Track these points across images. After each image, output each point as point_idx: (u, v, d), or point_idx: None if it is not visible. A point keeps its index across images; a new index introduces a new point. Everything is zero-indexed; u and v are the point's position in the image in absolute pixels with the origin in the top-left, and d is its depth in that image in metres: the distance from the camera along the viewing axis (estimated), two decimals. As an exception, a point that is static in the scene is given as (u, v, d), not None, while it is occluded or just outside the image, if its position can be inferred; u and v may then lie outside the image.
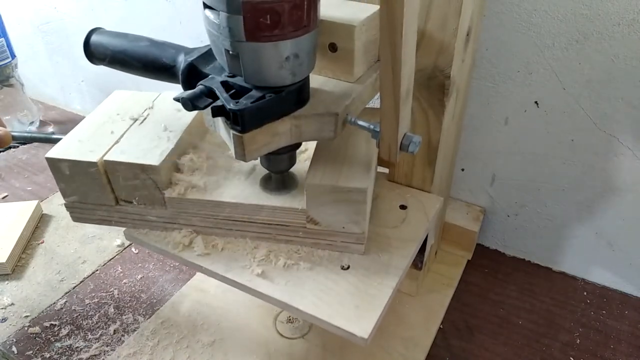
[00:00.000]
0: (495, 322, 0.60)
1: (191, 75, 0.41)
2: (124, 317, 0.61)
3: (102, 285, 0.66)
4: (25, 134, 0.62)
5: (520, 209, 0.66)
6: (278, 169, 0.45)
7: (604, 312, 0.61)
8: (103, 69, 0.50)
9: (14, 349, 0.57)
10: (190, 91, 0.37)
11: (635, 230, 0.59)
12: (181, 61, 0.42)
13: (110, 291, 0.65)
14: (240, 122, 0.35)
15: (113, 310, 0.62)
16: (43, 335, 0.59)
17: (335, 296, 0.42)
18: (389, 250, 0.46)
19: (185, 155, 0.48)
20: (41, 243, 0.73)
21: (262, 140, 0.38)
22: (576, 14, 0.50)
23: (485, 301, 0.63)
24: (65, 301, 0.64)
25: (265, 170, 0.47)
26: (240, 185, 0.47)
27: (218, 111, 0.36)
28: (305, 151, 0.52)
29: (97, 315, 0.62)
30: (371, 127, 0.40)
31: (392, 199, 0.53)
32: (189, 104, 0.36)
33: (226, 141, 0.40)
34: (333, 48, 0.41)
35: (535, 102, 0.57)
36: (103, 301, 0.64)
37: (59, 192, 0.51)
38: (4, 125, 0.55)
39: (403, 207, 0.52)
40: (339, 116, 0.39)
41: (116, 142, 0.47)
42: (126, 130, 0.48)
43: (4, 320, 0.61)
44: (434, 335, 0.58)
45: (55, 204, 0.80)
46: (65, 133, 0.49)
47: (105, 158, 0.45)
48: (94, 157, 0.45)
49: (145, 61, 0.45)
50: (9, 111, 0.97)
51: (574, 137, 0.57)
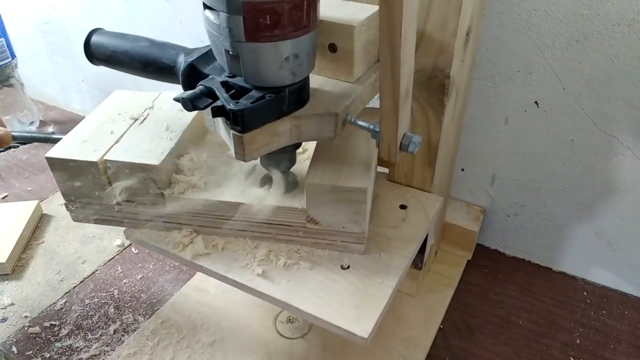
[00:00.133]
0: (495, 322, 0.60)
1: (191, 76, 0.41)
2: (124, 317, 0.61)
3: (102, 285, 0.66)
4: (25, 134, 0.62)
5: (520, 209, 0.66)
6: (278, 168, 0.45)
7: (604, 312, 0.61)
8: (103, 69, 0.50)
9: (14, 349, 0.58)
10: (190, 91, 0.37)
11: (635, 230, 0.59)
12: (181, 61, 0.42)
13: (110, 291, 0.65)
14: (240, 122, 0.35)
15: (113, 310, 0.62)
16: (43, 335, 0.59)
17: (336, 296, 0.42)
18: (389, 250, 0.46)
19: (186, 155, 0.48)
20: (41, 243, 0.73)
21: (262, 140, 0.38)
22: (576, 14, 0.50)
23: (485, 301, 0.63)
24: (65, 301, 0.64)
25: (265, 170, 0.47)
26: (240, 185, 0.47)
27: (218, 111, 0.36)
28: (305, 151, 0.52)
29: (97, 315, 0.62)
30: (371, 127, 0.40)
31: (392, 198, 0.53)
32: (189, 104, 0.36)
33: (226, 141, 0.40)
34: (333, 48, 0.41)
35: (535, 102, 0.57)
36: (103, 301, 0.64)
37: (59, 192, 0.51)
38: (4, 125, 0.55)
39: (403, 207, 0.52)
40: (338, 116, 0.39)
41: (116, 142, 0.47)
42: (126, 130, 0.48)
43: (4, 320, 0.61)
44: (434, 335, 0.58)
45: (55, 204, 0.80)
46: (65, 133, 0.49)
47: (106, 158, 0.45)
48: (94, 157, 0.45)
49: (145, 61, 0.45)
50: (9, 111, 0.97)
51: (574, 137, 0.57)
